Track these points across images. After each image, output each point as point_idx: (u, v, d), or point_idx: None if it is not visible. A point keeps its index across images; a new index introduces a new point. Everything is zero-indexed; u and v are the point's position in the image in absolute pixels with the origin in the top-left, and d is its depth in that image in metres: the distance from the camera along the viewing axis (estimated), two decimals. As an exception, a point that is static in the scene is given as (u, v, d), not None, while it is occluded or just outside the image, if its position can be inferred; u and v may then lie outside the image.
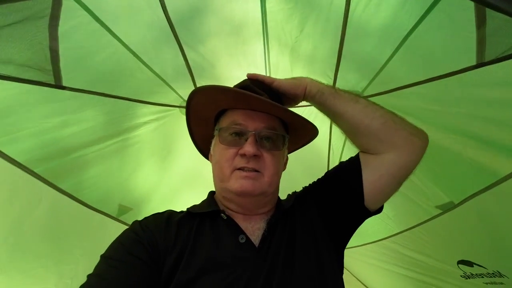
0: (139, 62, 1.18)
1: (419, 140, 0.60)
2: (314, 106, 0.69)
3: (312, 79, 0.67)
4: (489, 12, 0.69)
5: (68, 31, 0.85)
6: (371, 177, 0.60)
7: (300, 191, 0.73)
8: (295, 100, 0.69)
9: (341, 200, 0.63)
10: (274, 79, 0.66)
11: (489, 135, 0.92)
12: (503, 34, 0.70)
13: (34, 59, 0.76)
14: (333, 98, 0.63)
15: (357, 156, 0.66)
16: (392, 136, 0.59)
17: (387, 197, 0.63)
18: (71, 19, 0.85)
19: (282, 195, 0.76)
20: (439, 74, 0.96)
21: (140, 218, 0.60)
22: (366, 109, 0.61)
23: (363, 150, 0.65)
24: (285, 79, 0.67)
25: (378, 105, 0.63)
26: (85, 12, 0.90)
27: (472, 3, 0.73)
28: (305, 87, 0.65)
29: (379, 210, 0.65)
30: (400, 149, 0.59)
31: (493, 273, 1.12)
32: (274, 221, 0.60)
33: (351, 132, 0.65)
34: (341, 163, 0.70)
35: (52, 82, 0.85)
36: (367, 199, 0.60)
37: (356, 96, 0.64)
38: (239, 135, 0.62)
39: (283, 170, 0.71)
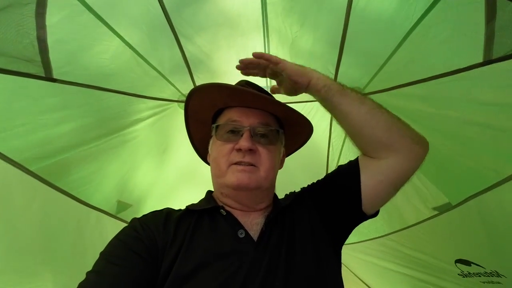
0: (136, 55, 1.15)
1: (420, 148, 0.60)
2: (318, 101, 0.67)
3: (319, 72, 0.64)
4: (501, 4, 0.65)
5: (59, 22, 0.81)
6: (370, 181, 0.61)
7: (299, 191, 0.74)
8: (295, 88, 0.65)
9: (339, 203, 0.64)
10: (281, 60, 0.62)
11: (488, 140, 0.91)
12: (513, 30, 0.67)
13: (22, 49, 0.73)
14: (339, 95, 0.61)
15: (356, 160, 0.66)
16: (394, 143, 0.58)
17: (383, 202, 0.63)
18: (62, 9, 0.81)
19: (282, 193, 0.75)
20: (443, 72, 0.93)
21: (139, 215, 0.60)
22: (372, 112, 0.59)
23: (363, 152, 0.65)
24: (292, 63, 0.64)
25: (383, 108, 0.61)
26: (76, 1, 0.86)
27: (481, -4, 0.70)
28: (310, 79, 0.62)
29: (375, 214, 0.65)
30: (401, 156, 0.59)
31: (490, 273, 1.12)
32: (272, 217, 0.61)
33: (353, 133, 0.64)
34: (340, 167, 0.69)
35: (42, 74, 0.81)
36: (365, 203, 0.61)
37: (362, 96, 0.61)
38: (235, 132, 0.63)
39: (280, 168, 0.72)
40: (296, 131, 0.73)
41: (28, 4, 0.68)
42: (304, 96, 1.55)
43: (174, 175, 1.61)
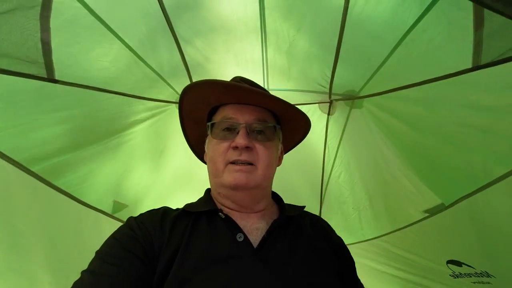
0: (136, 57, 1.16)
1: None
2: None
3: None
4: (488, 14, 0.68)
5: (62, 24, 0.82)
6: None
7: (323, 221, 0.72)
8: None
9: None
10: None
11: (478, 142, 0.93)
12: (500, 37, 0.69)
13: (26, 51, 0.74)
14: None
15: None
16: None
17: None
18: (65, 12, 0.82)
19: (279, 192, 0.74)
20: (435, 76, 0.96)
21: (135, 216, 0.60)
22: None
23: None
24: None
25: None
26: (79, 4, 0.88)
27: (471, 4, 0.72)
28: None
29: None
30: None
31: (481, 273, 1.13)
32: (277, 225, 0.59)
33: None
34: None
35: (44, 76, 0.83)
36: None
37: None
38: (231, 129, 0.62)
39: (278, 165, 0.71)
40: (294, 126, 0.71)
41: (33, 7, 0.70)
42: (301, 98, 1.57)
43: (171, 178, 1.61)
